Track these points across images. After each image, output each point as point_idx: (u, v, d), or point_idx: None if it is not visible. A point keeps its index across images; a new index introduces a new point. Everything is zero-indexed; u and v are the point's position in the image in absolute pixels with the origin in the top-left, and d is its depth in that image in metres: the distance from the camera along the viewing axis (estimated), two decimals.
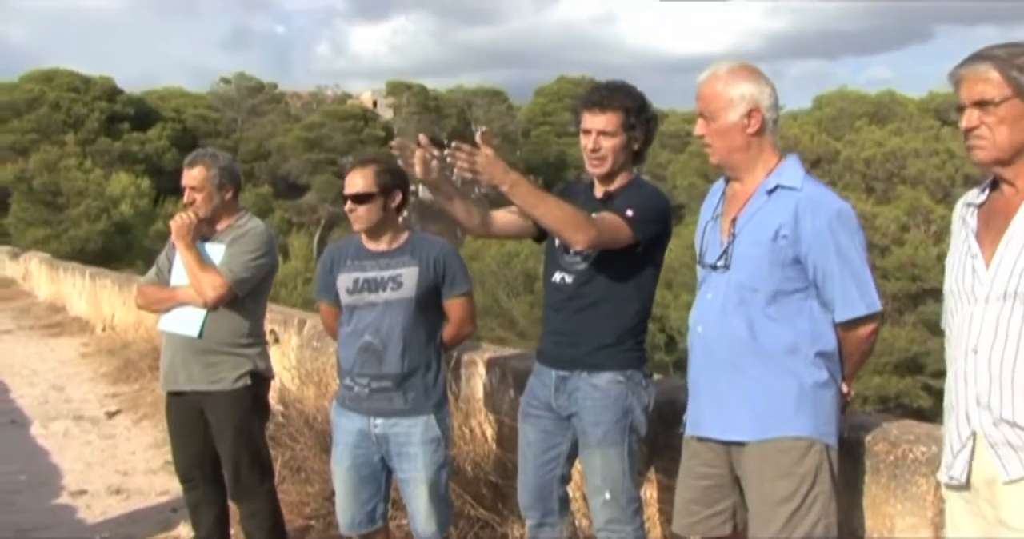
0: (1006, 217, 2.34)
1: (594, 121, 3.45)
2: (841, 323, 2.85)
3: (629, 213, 3.32)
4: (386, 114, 68.76)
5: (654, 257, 3.48)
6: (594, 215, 3.29)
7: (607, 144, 3.44)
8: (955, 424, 2.42)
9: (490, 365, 4.94)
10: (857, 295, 2.81)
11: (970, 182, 34.77)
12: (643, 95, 3.53)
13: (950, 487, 2.46)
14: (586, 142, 3.47)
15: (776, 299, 2.83)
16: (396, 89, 69.07)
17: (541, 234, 3.64)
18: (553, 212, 3.14)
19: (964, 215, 2.48)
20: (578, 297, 3.49)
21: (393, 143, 3.39)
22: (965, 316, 2.38)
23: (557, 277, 3.58)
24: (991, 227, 2.38)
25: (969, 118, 2.34)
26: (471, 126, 69.02)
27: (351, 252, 3.93)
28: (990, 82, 2.30)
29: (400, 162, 3.31)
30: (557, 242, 3.59)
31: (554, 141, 66.51)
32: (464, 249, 38.42)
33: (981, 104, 2.32)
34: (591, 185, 3.61)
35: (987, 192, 2.45)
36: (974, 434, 2.36)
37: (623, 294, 3.44)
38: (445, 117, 67.50)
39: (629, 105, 3.45)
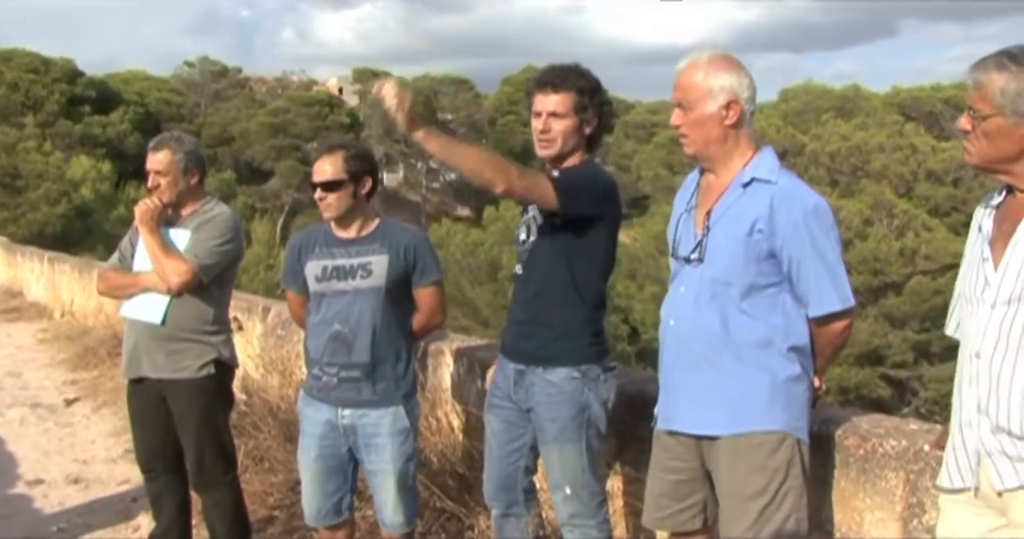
0: (1016, 221, 2.33)
1: (545, 102, 3.41)
2: (815, 318, 2.84)
3: (554, 173, 3.27)
4: (352, 101, 68.43)
5: (600, 240, 3.42)
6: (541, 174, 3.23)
7: (557, 126, 3.40)
8: (958, 430, 2.39)
9: (458, 355, 4.91)
10: (832, 290, 2.81)
11: (932, 177, 35.23)
12: (597, 79, 3.49)
13: (952, 492, 2.42)
14: (536, 123, 3.44)
15: (750, 293, 2.82)
16: (362, 76, 68.76)
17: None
18: (470, 155, 3.06)
19: (980, 219, 2.46)
20: (528, 285, 3.47)
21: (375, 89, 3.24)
22: (973, 320, 2.36)
23: (516, 268, 3.57)
24: (1003, 231, 2.36)
25: (963, 121, 2.35)
26: (437, 114, 68.85)
27: (320, 239, 3.88)
28: (985, 96, 2.29)
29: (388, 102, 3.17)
30: (515, 233, 3.58)
31: (520, 130, 66.36)
32: (431, 237, 38.14)
33: (972, 112, 2.33)
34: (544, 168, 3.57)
35: (1003, 195, 2.42)
36: (982, 442, 2.33)
37: (572, 280, 3.39)
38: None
39: (582, 86, 3.41)
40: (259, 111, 61.90)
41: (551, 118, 3.40)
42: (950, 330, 2.56)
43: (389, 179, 70.94)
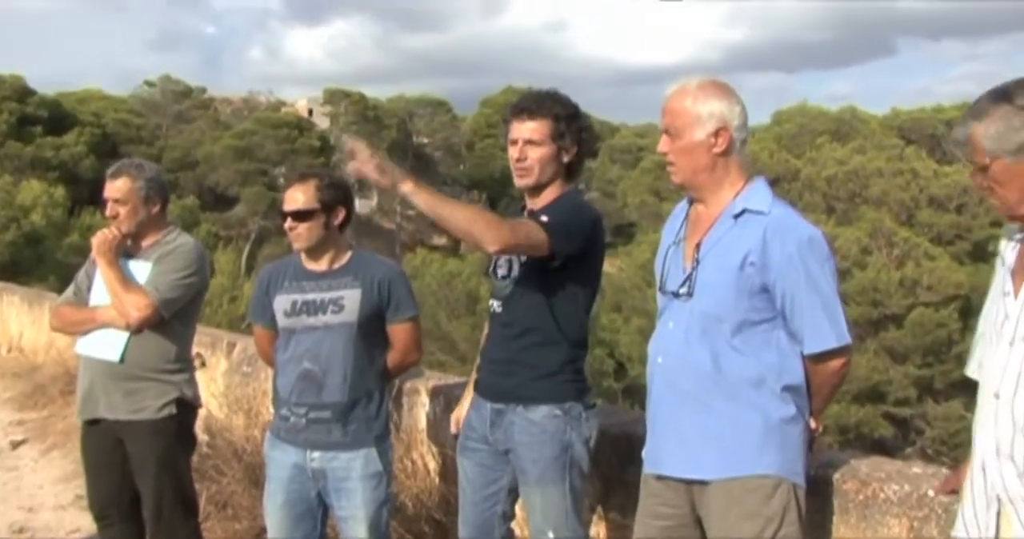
0: None
1: (521, 129, 3.46)
2: (810, 355, 2.87)
3: (543, 218, 3.31)
4: (322, 123, 68.62)
5: (585, 277, 3.47)
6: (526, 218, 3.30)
7: (534, 154, 3.45)
8: (976, 475, 2.38)
9: (434, 393, 4.91)
10: (827, 326, 2.83)
11: (935, 203, 35.54)
12: (575, 105, 3.55)
13: None
14: (512, 152, 3.49)
15: (742, 329, 2.85)
16: (333, 97, 69.06)
17: None
18: (458, 213, 3.09)
19: (1003, 251, 2.48)
20: (508, 325, 3.49)
21: (346, 147, 3.28)
22: (994, 358, 2.36)
23: (490, 304, 3.60)
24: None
25: (977, 180, 2.37)
26: (412, 137, 69.19)
27: (289, 272, 3.91)
28: (977, 148, 2.32)
29: (348, 168, 3.24)
30: (489, 267, 3.61)
31: (500, 155, 66.65)
32: (404, 268, 38.24)
33: (976, 168, 2.35)
34: (523, 210, 3.61)
35: None
36: (1005, 489, 2.30)
37: (555, 320, 3.43)
38: (385, 127, 67.60)
39: (559, 113, 3.46)
40: (224, 133, 62.06)
41: (527, 146, 3.45)
42: (971, 371, 2.56)
43: (362, 205, 70.92)
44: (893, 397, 29.37)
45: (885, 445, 27.51)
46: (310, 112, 71.83)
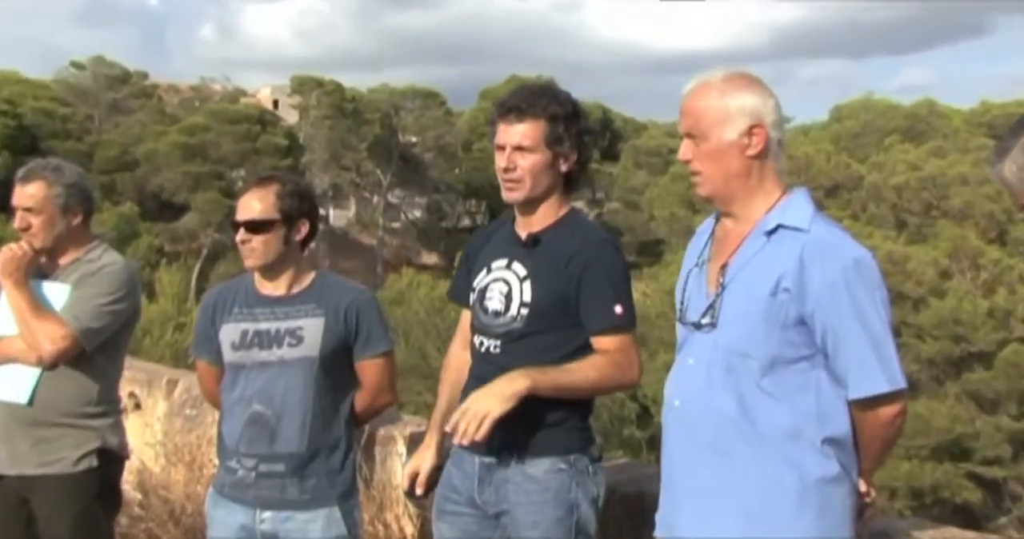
0: None
1: (509, 133, 3.51)
2: (856, 401, 2.87)
3: (619, 310, 3.45)
4: (290, 117, 68.80)
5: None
6: (595, 341, 3.45)
7: (524, 162, 3.49)
8: None
9: (412, 442, 4.94)
10: (877, 367, 2.84)
11: None
12: (575, 101, 3.60)
13: None
14: (499, 160, 3.53)
15: (774, 368, 2.87)
16: (303, 85, 69.03)
17: None
18: (584, 376, 3.39)
19: None
20: (506, 368, 3.46)
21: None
22: None
23: (478, 341, 3.63)
24: None
25: None
26: (398, 135, 69.26)
27: (240, 296, 3.96)
28: (1013, 190, 2.43)
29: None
30: (472, 295, 3.66)
31: None
32: (386, 291, 38.46)
33: (1020, 208, 2.46)
34: (513, 221, 3.67)
35: None
36: None
37: (566, 362, 3.45)
38: (365, 123, 67.67)
39: (555, 112, 3.50)
40: (170, 128, 61.91)
41: (516, 153, 3.49)
42: None
43: (337, 217, 71.25)
44: (981, 454, 29.06)
45: (971, 513, 27.29)
46: (275, 104, 72.06)
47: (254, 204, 3.84)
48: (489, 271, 3.64)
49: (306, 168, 63.38)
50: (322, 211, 67.87)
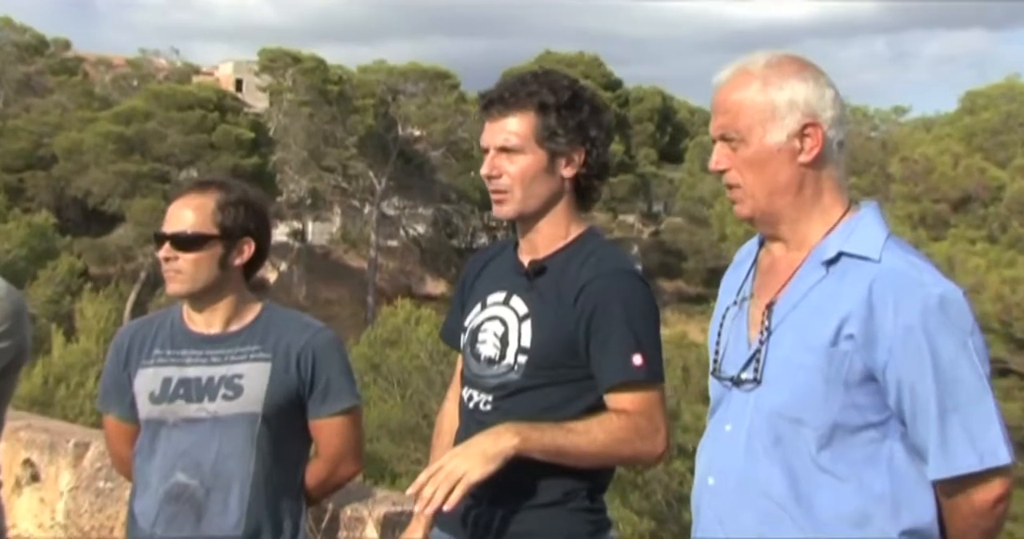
0: None
1: (491, 131, 3.56)
2: (941, 483, 2.86)
3: (638, 361, 3.43)
4: (257, 102, 68.99)
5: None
6: (609, 399, 3.45)
7: (512, 167, 3.53)
8: None
9: (386, 524, 4.94)
10: (967, 437, 2.81)
11: None
12: (580, 87, 3.62)
13: None
14: (482, 167, 3.58)
15: (835, 439, 2.87)
16: (275, 61, 69.03)
17: None
18: (591, 440, 3.35)
19: None
20: None
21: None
22: None
23: (467, 395, 3.67)
24: None
25: None
26: (397, 128, 68.99)
27: (163, 334, 4.00)
28: None
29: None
30: (463, 338, 3.72)
31: None
32: (380, 328, 38.17)
33: None
34: (515, 244, 3.70)
35: None
36: None
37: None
38: (355, 112, 67.65)
39: (546, 100, 3.52)
40: (100, 114, 61.94)
41: (502, 156, 3.53)
42: None
43: (318, 232, 71.26)
44: None
45: None
46: (238, 84, 72.29)
47: (186, 214, 3.89)
48: (483, 307, 3.68)
49: (278, 169, 63.37)
50: (298, 224, 67.94)
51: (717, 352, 3.11)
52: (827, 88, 2.99)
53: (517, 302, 3.58)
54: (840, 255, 2.92)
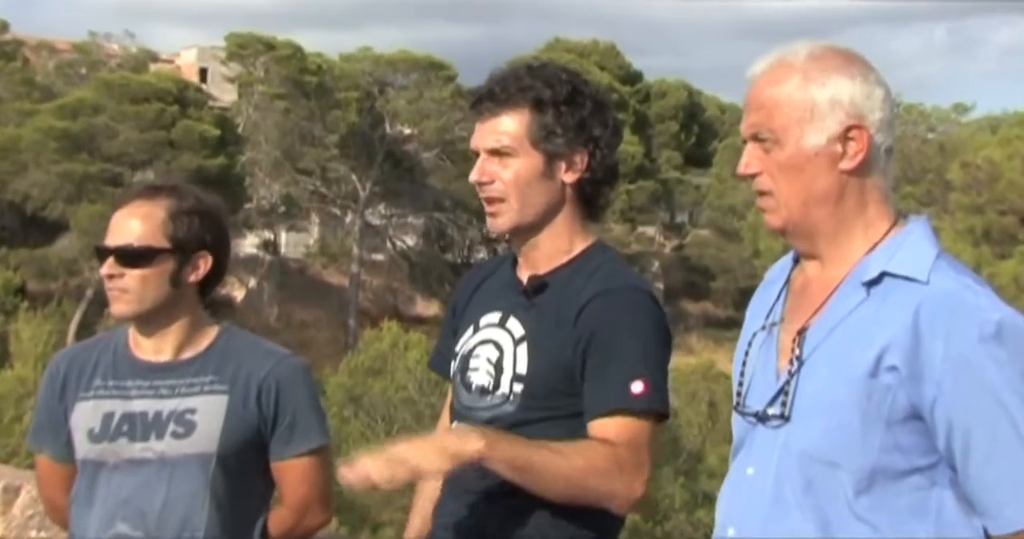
0: None
1: (481, 133, 3.58)
2: None
3: (637, 388, 3.40)
4: (224, 94, 69.06)
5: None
6: (593, 426, 3.41)
7: (505, 172, 3.54)
8: None
9: None
10: None
11: None
12: (583, 80, 3.64)
13: None
14: (473, 172, 3.59)
15: (875, 485, 2.86)
16: (245, 48, 69.15)
17: None
18: (563, 470, 3.26)
19: None
20: (494, 475, 3.49)
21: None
22: None
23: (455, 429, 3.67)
24: None
25: None
26: (384, 125, 69.04)
27: (105, 362, 3.98)
28: None
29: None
30: (453, 365, 3.73)
31: None
32: (362, 354, 38.15)
33: None
34: (514, 260, 3.72)
35: None
36: None
37: None
38: (336, 106, 67.75)
39: (542, 96, 3.54)
40: (42, 106, 61.89)
41: (493, 160, 3.54)
42: None
43: (292, 244, 71.31)
44: None
45: None
46: (203, 74, 72.31)
47: (132, 225, 3.86)
48: (476, 330, 3.69)
49: (247, 171, 63.40)
50: (269, 235, 67.96)
51: (741, 384, 3.11)
52: (876, 86, 2.97)
53: (514, 323, 3.59)
54: (883, 275, 2.91)
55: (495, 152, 3.52)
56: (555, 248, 3.58)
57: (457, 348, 3.73)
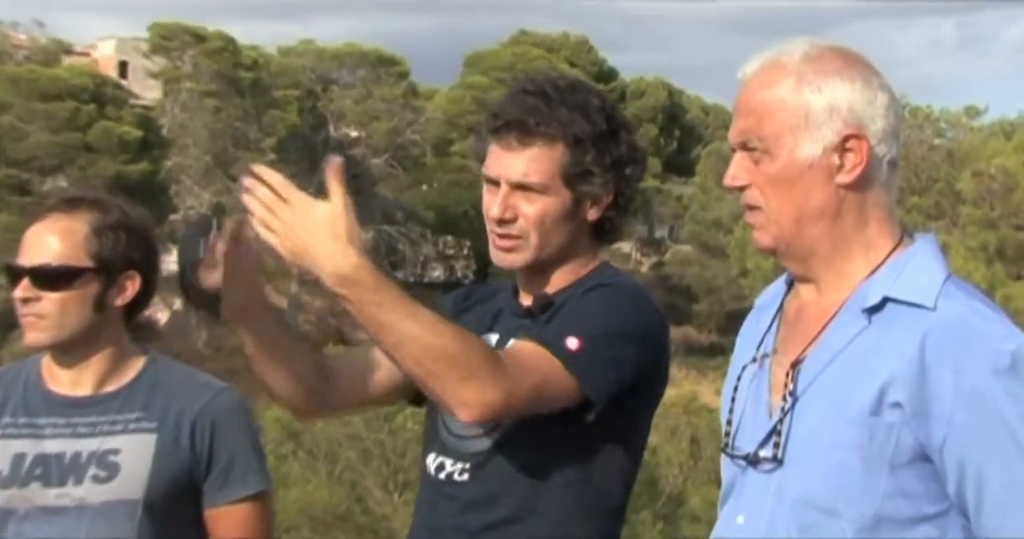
0: None
1: (507, 163, 3.56)
2: None
3: (572, 344, 3.35)
4: (147, 91, 68.76)
5: (632, 423, 3.61)
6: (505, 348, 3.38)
7: (530, 209, 3.55)
8: None
9: None
10: None
11: None
12: (614, 108, 3.67)
13: None
14: (488, 203, 3.58)
15: (879, 536, 2.87)
16: (170, 39, 68.94)
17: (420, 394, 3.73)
18: (424, 340, 3.10)
19: None
20: (478, 506, 3.57)
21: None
22: None
23: (434, 463, 3.69)
24: None
25: None
26: (328, 126, 68.88)
27: (15, 396, 3.97)
28: None
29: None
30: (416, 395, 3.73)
31: None
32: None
33: None
34: (515, 291, 3.75)
35: None
36: None
37: (569, 498, 3.53)
38: (274, 106, 67.57)
39: (581, 131, 3.55)
40: None
41: (518, 194, 3.55)
42: None
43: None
44: None
45: None
46: (122, 68, 71.99)
47: (50, 242, 3.84)
48: None
49: (173, 178, 63.23)
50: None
51: (730, 422, 3.12)
52: (879, 92, 2.98)
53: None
54: (886, 301, 2.92)
55: (521, 187, 3.53)
56: (563, 276, 3.63)
57: None
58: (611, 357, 3.41)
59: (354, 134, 70.59)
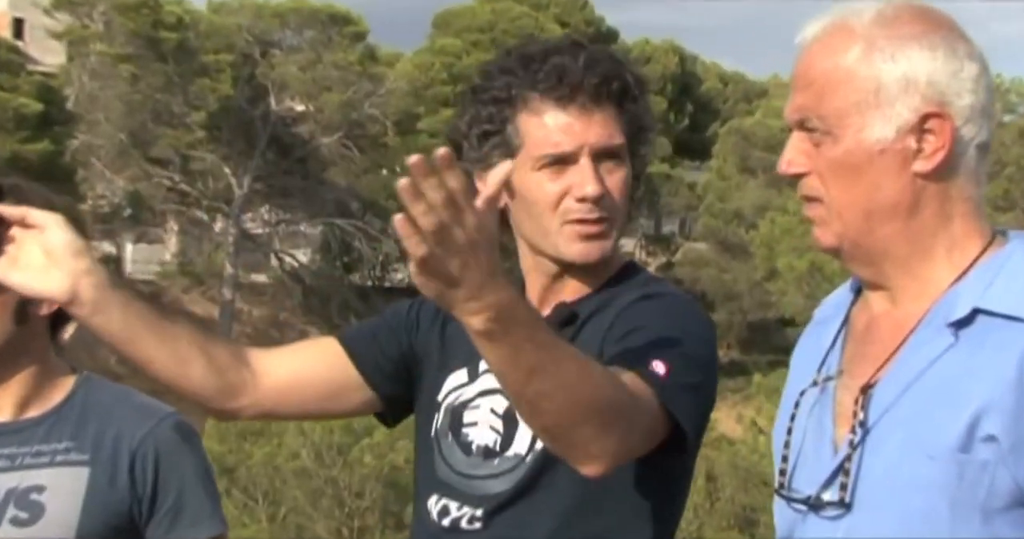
0: None
1: (588, 129, 3.55)
2: None
3: (660, 369, 3.32)
4: (49, 56, 68.66)
5: (688, 463, 3.66)
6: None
7: (616, 181, 3.59)
8: None
9: None
10: None
11: None
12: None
13: None
14: (551, 190, 3.54)
15: None
16: None
17: (396, 410, 3.78)
18: (580, 389, 2.96)
19: None
20: None
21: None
22: None
23: (436, 506, 3.69)
24: None
25: None
26: (269, 99, 68.59)
27: None
28: None
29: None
30: (436, 417, 3.74)
31: None
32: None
33: None
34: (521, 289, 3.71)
35: None
36: None
37: None
38: (203, 74, 67.35)
39: (630, 92, 3.62)
40: None
41: (608, 164, 3.58)
42: None
43: (142, 259, 71.14)
44: None
45: None
46: (17, 27, 71.84)
47: None
48: (474, 375, 3.71)
49: (80, 159, 63.08)
50: (110, 247, 67.54)
51: (786, 459, 3.11)
52: (965, 61, 2.96)
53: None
54: (976, 313, 2.90)
55: (607, 153, 3.56)
56: (584, 281, 3.66)
57: (439, 396, 3.76)
58: (692, 384, 3.40)
59: (299, 108, 70.36)
